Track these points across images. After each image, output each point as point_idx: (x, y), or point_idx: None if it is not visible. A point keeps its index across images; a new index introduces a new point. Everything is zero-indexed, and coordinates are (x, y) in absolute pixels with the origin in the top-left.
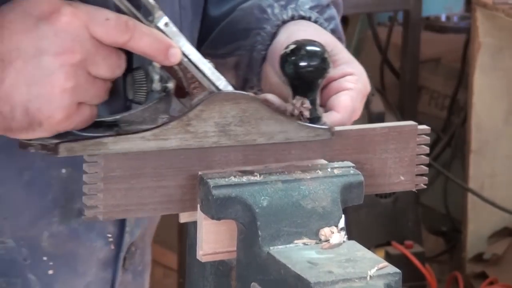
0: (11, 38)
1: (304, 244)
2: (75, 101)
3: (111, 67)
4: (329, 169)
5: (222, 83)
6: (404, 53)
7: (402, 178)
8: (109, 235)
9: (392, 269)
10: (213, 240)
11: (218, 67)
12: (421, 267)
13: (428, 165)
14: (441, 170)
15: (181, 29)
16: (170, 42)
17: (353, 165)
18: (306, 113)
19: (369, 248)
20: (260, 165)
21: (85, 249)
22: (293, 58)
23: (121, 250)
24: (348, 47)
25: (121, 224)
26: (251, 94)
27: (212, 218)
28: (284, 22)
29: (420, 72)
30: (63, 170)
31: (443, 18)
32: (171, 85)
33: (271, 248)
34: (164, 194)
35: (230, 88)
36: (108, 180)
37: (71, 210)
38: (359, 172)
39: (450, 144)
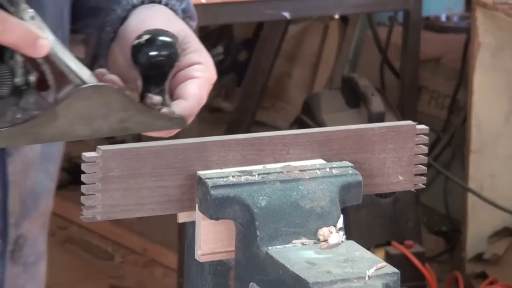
0: None
1: (303, 244)
2: None
3: None
4: (327, 169)
5: (86, 74)
6: (404, 53)
7: (400, 178)
8: None
9: (391, 269)
10: (211, 240)
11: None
12: (421, 267)
13: (428, 165)
14: (441, 170)
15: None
16: (39, 33)
17: (352, 165)
18: (159, 107)
19: (369, 248)
20: (258, 165)
21: None
22: (145, 48)
23: (8, 244)
24: (348, 47)
25: (4, 217)
26: (114, 86)
27: (211, 218)
28: (135, 6)
29: (420, 72)
30: None
31: (443, 18)
32: (33, 78)
33: (269, 248)
34: (163, 194)
35: (94, 80)
36: (107, 180)
37: None
38: (358, 172)
39: (450, 144)
